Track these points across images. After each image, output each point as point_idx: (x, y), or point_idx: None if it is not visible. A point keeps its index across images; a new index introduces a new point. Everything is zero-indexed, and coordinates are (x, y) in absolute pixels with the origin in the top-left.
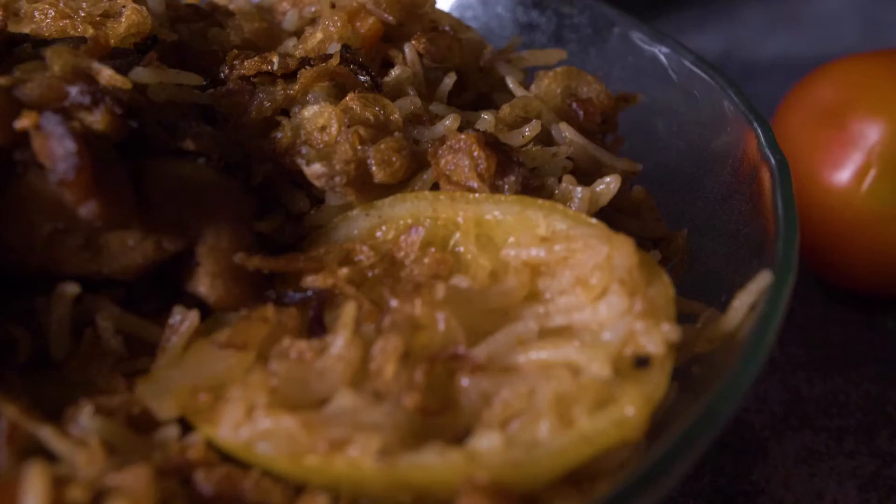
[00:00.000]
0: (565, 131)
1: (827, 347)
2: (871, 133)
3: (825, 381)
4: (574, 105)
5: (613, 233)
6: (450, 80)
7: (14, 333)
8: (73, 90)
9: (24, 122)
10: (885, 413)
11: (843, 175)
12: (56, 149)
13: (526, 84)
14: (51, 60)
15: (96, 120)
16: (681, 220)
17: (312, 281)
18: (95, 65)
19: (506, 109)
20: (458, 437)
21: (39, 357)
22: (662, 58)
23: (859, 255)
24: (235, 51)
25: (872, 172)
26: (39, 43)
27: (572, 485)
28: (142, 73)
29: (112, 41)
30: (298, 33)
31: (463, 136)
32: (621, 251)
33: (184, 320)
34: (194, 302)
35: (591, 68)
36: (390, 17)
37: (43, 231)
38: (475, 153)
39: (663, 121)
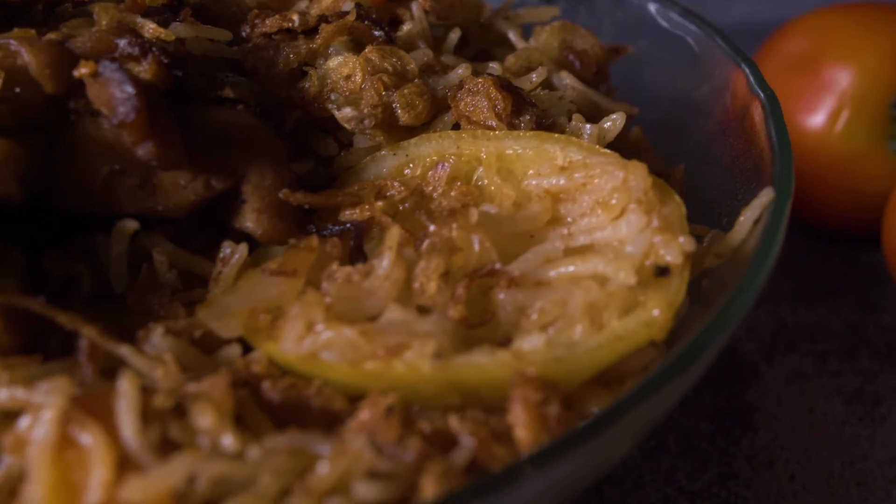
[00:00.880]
0: (566, 79)
1: (808, 281)
2: (842, 78)
3: (808, 310)
4: (570, 57)
5: (626, 160)
6: (455, 36)
7: (76, 269)
8: (122, 42)
9: (82, 71)
10: (864, 336)
11: (818, 118)
12: (116, 93)
13: (524, 39)
14: (98, 16)
15: (144, 70)
16: (676, 160)
17: (350, 214)
18: (139, 19)
19: (511, 59)
20: (499, 346)
21: (101, 291)
22: (652, 11)
23: (835, 194)
24: (255, 10)
25: (845, 114)
26: (78, 3)
27: (603, 385)
28: (179, 28)
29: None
30: None
31: (480, 80)
32: (636, 174)
33: (234, 253)
34: (239, 238)
35: (582, 23)
36: None
37: (102, 172)
38: (492, 95)
39: (652, 71)
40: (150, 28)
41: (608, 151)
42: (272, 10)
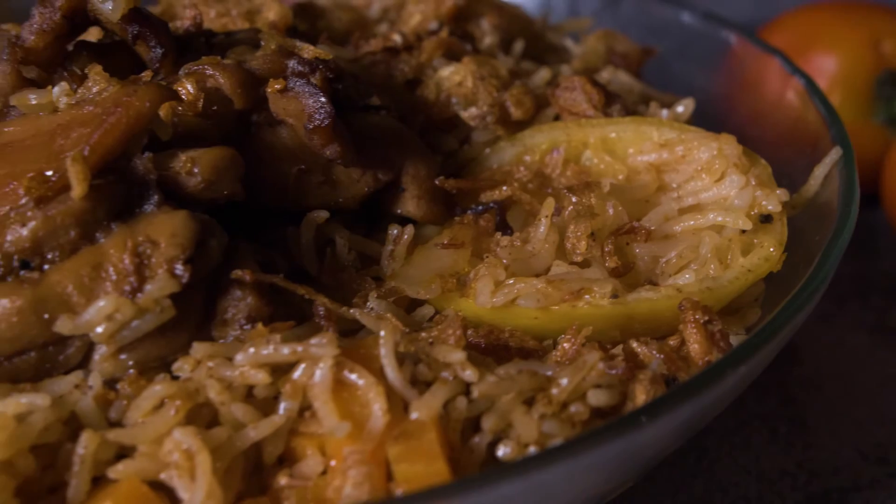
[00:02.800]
0: (622, 76)
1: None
2: (830, 65)
3: None
4: (614, 58)
5: (715, 133)
6: (520, 45)
7: (273, 256)
8: (292, 62)
9: (276, 87)
10: (871, 280)
11: None
12: (310, 103)
13: (562, 46)
14: (266, 42)
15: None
16: None
17: (490, 195)
18: (298, 42)
19: (576, 63)
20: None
21: (295, 273)
22: (674, 15)
23: None
24: (357, 32)
25: (835, 96)
26: (210, 36)
27: (731, 313)
28: (322, 49)
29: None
30: (382, 19)
31: (575, 78)
32: (729, 143)
33: (402, 234)
34: (394, 222)
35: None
36: (462, 0)
37: (292, 173)
38: (587, 90)
39: (680, 67)
40: (310, 49)
41: (697, 128)
42: (359, 31)
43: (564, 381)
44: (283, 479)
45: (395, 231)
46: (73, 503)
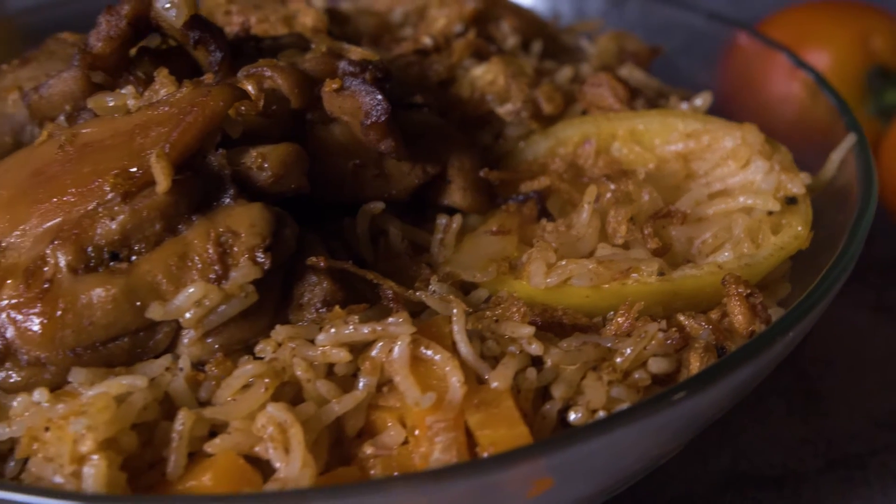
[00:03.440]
0: (637, 73)
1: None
2: (822, 60)
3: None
4: (625, 57)
5: (737, 123)
6: (538, 46)
7: (333, 245)
8: (342, 63)
9: (333, 86)
10: (867, 261)
11: None
12: (367, 100)
13: (577, 46)
14: (317, 45)
15: None
16: None
17: (529, 185)
18: (346, 44)
19: (594, 61)
20: None
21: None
22: (677, 16)
23: None
24: (387, 36)
25: None
26: (258, 41)
27: (762, 289)
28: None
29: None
30: (404, 24)
31: (601, 74)
32: (751, 132)
33: (451, 223)
34: (439, 213)
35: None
36: (482, 4)
37: (348, 168)
38: (613, 85)
39: (686, 64)
40: (357, 51)
41: (720, 118)
42: (386, 35)
43: (628, 351)
44: (368, 449)
45: (444, 220)
46: (172, 477)
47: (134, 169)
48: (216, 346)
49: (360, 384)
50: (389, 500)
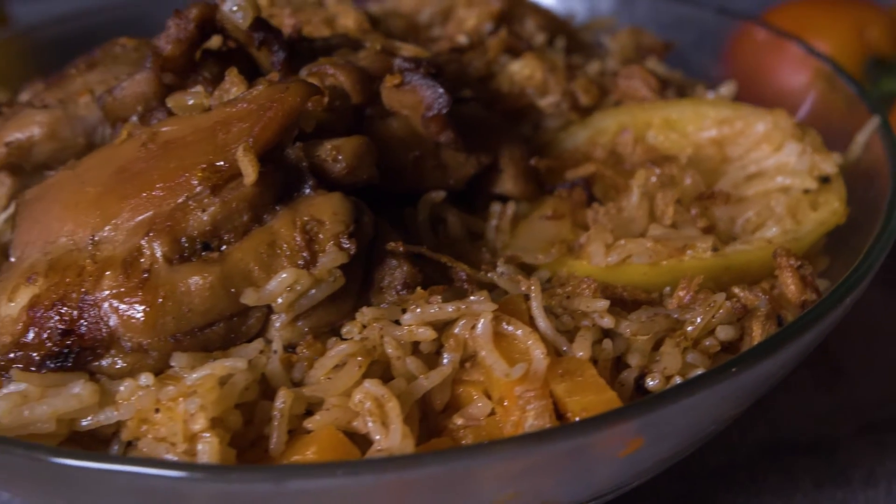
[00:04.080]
0: (657, 66)
1: None
2: (822, 50)
3: None
4: (641, 52)
5: (767, 108)
6: (561, 42)
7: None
8: (397, 60)
9: (394, 81)
10: None
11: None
12: (428, 94)
13: (596, 42)
14: (371, 44)
15: None
16: None
17: (575, 172)
18: (398, 43)
19: (616, 56)
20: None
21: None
22: (688, 11)
23: None
24: (417, 35)
25: None
26: (310, 42)
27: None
28: (415, 48)
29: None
30: (432, 24)
31: (633, 67)
32: (782, 117)
33: (505, 209)
34: (489, 201)
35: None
36: (506, 4)
37: (409, 159)
38: (644, 77)
39: (699, 57)
40: (409, 48)
41: (748, 105)
42: (416, 34)
43: (699, 320)
44: (458, 420)
45: (498, 207)
46: (275, 453)
47: (220, 163)
48: (306, 328)
49: (445, 360)
50: (502, 459)
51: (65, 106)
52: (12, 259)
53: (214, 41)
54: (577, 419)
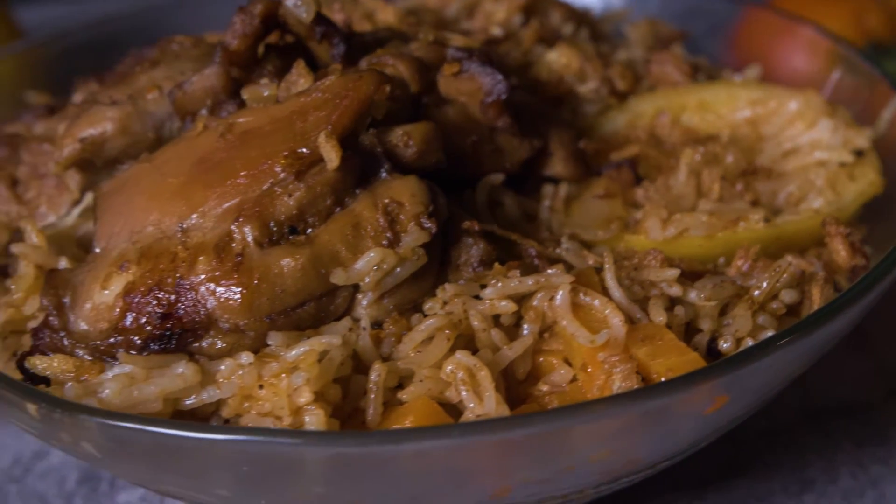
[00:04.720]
0: (683, 53)
1: None
2: None
3: None
4: (661, 40)
5: (798, 88)
6: (585, 33)
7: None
8: (450, 50)
9: (452, 69)
10: None
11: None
12: (488, 81)
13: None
14: (424, 35)
15: None
16: None
17: (619, 154)
18: (447, 34)
19: (639, 44)
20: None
21: None
22: (697, 2)
23: None
24: (446, 29)
25: None
26: (361, 36)
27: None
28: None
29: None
30: (459, 18)
31: (665, 53)
32: (812, 96)
33: (558, 190)
34: (539, 183)
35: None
36: None
37: (467, 144)
38: (676, 62)
39: (715, 45)
40: (459, 39)
41: (778, 85)
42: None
43: (765, 284)
44: (543, 387)
45: (551, 188)
46: (372, 424)
47: (302, 150)
48: (391, 306)
49: (525, 331)
50: (603, 417)
51: (134, 102)
52: (97, 250)
53: (271, 36)
54: (665, 379)
